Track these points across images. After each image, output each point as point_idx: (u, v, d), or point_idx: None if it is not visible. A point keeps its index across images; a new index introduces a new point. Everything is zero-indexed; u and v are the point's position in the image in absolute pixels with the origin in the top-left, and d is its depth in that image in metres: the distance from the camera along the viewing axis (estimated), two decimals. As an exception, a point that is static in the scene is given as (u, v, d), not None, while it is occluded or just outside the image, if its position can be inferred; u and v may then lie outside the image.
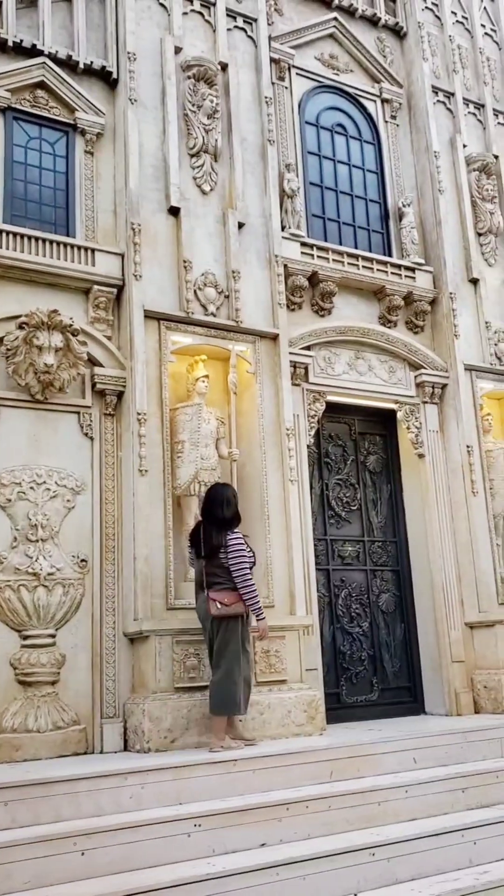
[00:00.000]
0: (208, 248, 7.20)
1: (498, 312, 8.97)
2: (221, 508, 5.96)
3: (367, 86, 9.23)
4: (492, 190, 9.29)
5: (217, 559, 5.86)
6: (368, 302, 8.46)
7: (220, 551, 5.85)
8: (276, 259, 7.51)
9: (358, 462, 8.48)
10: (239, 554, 5.82)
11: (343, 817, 5.03)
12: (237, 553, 5.82)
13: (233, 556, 5.81)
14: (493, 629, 7.69)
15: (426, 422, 8.40)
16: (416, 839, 4.83)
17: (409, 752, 5.84)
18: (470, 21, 10.03)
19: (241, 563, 5.80)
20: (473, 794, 5.53)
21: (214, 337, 7.04)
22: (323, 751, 5.57)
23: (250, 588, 5.79)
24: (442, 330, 8.65)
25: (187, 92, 7.43)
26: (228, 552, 5.83)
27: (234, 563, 5.79)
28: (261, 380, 7.19)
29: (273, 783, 5.26)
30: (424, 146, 9.15)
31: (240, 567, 5.79)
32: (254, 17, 8.11)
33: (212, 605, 5.73)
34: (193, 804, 4.88)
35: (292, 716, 6.27)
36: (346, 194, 8.84)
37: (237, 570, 5.78)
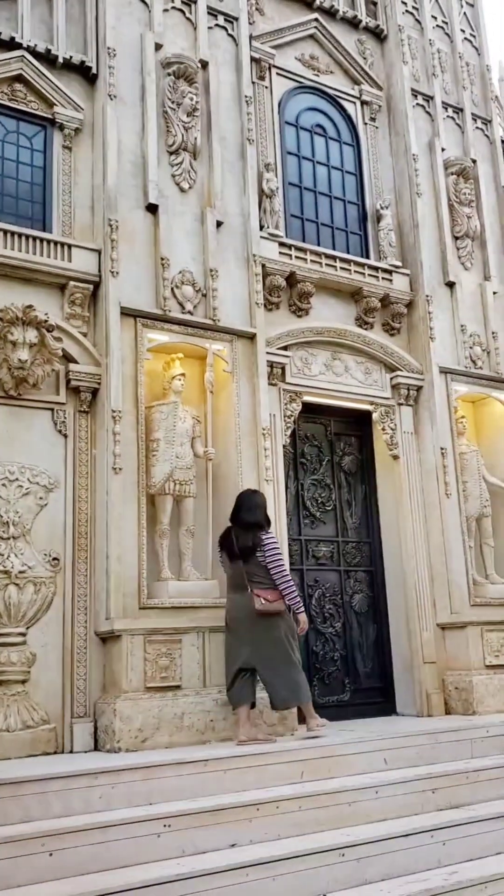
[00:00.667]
0: (186, 246, 7.17)
1: (473, 316, 9.02)
2: (252, 512, 6.28)
3: (346, 87, 9.25)
4: (469, 194, 9.34)
5: (254, 559, 6.11)
6: (346, 303, 8.48)
7: (257, 552, 6.10)
8: (255, 258, 7.51)
9: (333, 463, 8.50)
10: (277, 554, 6.15)
11: (313, 818, 5.03)
12: (275, 553, 6.13)
13: (270, 556, 6.10)
14: (464, 630, 7.73)
15: (401, 423, 8.43)
16: (385, 840, 4.83)
17: (379, 752, 5.84)
18: (450, 26, 10.09)
19: (279, 562, 6.13)
20: (443, 794, 5.55)
21: (191, 335, 7.02)
22: (294, 751, 5.56)
23: (291, 586, 6.10)
24: (418, 332, 8.68)
25: (167, 89, 7.40)
26: (266, 552, 6.11)
27: (274, 563, 6.09)
28: (237, 379, 7.18)
29: (244, 783, 5.25)
30: (403, 149, 9.19)
31: (279, 566, 6.10)
32: (235, 15, 8.09)
33: (256, 601, 5.96)
34: (164, 804, 4.85)
35: (264, 716, 6.25)
36: (325, 195, 8.86)
37: (277, 569, 6.08)
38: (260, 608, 5.95)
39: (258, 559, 6.10)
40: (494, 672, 7.74)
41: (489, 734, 6.48)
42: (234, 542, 6.20)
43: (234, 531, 6.25)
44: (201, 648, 6.23)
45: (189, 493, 6.74)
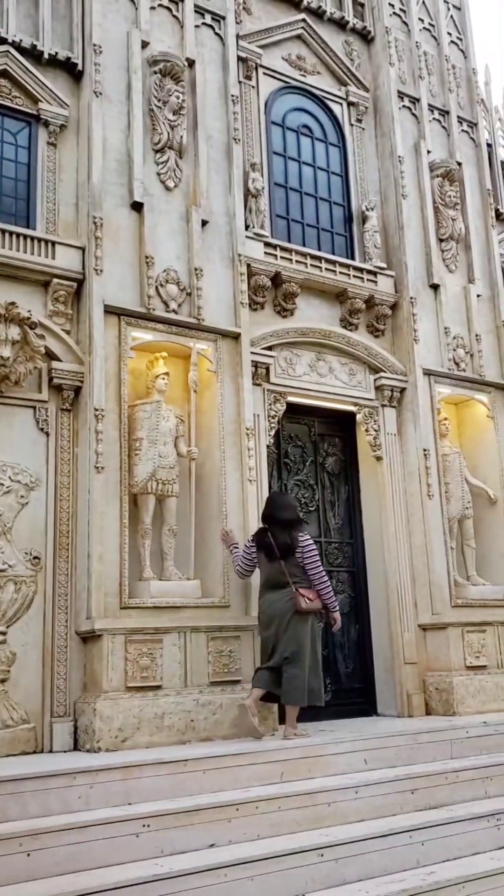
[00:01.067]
0: (171, 244, 7.15)
1: (457, 318, 9.05)
2: (287, 510, 6.55)
3: (333, 88, 9.26)
4: (454, 197, 9.37)
5: (293, 559, 6.32)
6: (330, 304, 8.49)
7: (296, 551, 6.33)
8: (240, 258, 7.50)
9: (317, 463, 8.51)
10: (316, 554, 6.41)
11: (292, 818, 5.03)
12: (313, 553, 6.39)
13: (309, 556, 6.36)
14: (445, 631, 7.76)
15: (384, 425, 8.45)
16: (364, 840, 4.85)
17: (359, 753, 5.86)
18: (436, 28, 10.12)
19: (318, 562, 6.39)
20: (422, 795, 5.57)
21: (175, 334, 7.00)
22: (274, 751, 5.57)
23: (329, 586, 6.40)
24: (402, 334, 8.71)
25: (153, 87, 7.37)
26: (305, 552, 6.36)
27: (312, 563, 6.34)
28: (222, 378, 7.17)
29: (224, 783, 5.25)
30: (389, 150, 9.21)
31: (318, 566, 6.37)
32: (222, 14, 8.08)
33: (301, 600, 6.17)
34: (143, 804, 4.85)
35: (245, 716, 6.24)
36: (311, 196, 8.86)
37: (316, 569, 6.34)
38: (305, 607, 6.17)
39: (296, 559, 6.33)
40: (475, 673, 7.77)
41: (469, 735, 6.51)
42: (272, 541, 6.35)
43: (272, 530, 6.40)
44: (182, 648, 6.21)
45: (172, 493, 6.72)
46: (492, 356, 9.23)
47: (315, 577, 6.33)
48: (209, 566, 6.78)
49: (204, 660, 6.29)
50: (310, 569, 6.33)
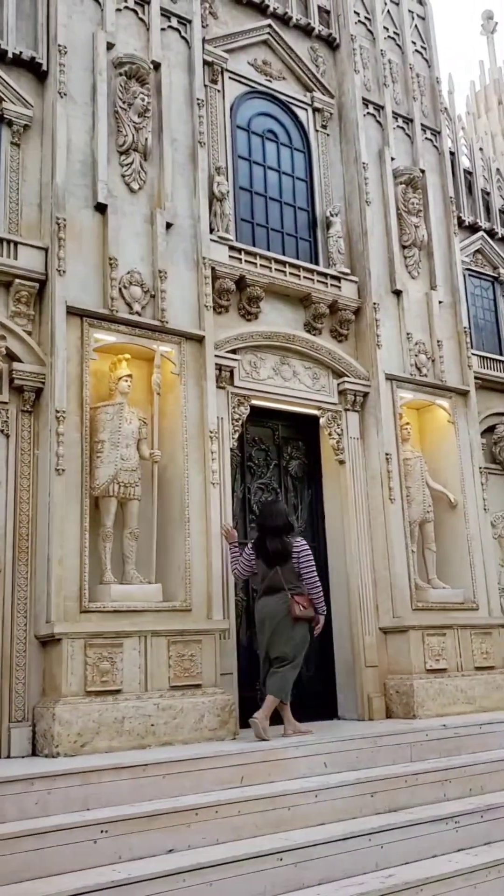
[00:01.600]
0: (135, 246, 7.12)
1: (419, 324, 9.14)
2: (277, 517, 6.78)
3: (298, 94, 9.31)
4: (417, 204, 9.46)
5: (288, 564, 6.60)
6: (294, 308, 8.52)
7: (292, 557, 6.60)
8: (204, 261, 7.49)
9: (280, 467, 8.52)
10: (311, 558, 6.69)
11: (252, 822, 5.02)
12: (308, 557, 6.68)
13: (304, 561, 6.65)
14: (405, 634, 7.82)
15: (347, 429, 8.50)
16: (323, 844, 4.86)
17: (320, 756, 5.88)
18: (401, 37, 10.21)
19: (313, 567, 6.68)
20: (382, 798, 5.59)
21: (139, 336, 6.97)
22: (235, 755, 5.55)
23: (320, 590, 6.68)
24: (365, 339, 8.77)
25: (118, 89, 7.34)
26: (301, 557, 6.64)
27: (308, 570, 6.63)
28: (185, 381, 7.15)
29: (183, 788, 5.23)
30: (353, 157, 9.27)
31: (313, 571, 6.66)
32: (188, 18, 8.07)
33: (296, 607, 6.45)
34: (101, 810, 4.81)
35: (205, 720, 6.23)
36: (276, 200, 8.89)
37: (311, 576, 6.63)
38: (299, 614, 6.45)
39: (292, 564, 6.60)
40: (435, 676, 7.84)
41: (428, 738, 6.56)
42: (267, 547, 6.62)
43: (266, 538, 6.66)
44: (143, 653, 6.17)
45: (134, 496, 6.68)
46: (452, 362, 9.34)
47: (309, 581, 6.61)
48: (171, 570, 6.75)
49: (164, 664, 6.25)
50: (305, 573, 6.62)
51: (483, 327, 11.09)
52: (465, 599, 8.56)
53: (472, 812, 5.60)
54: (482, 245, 11.31)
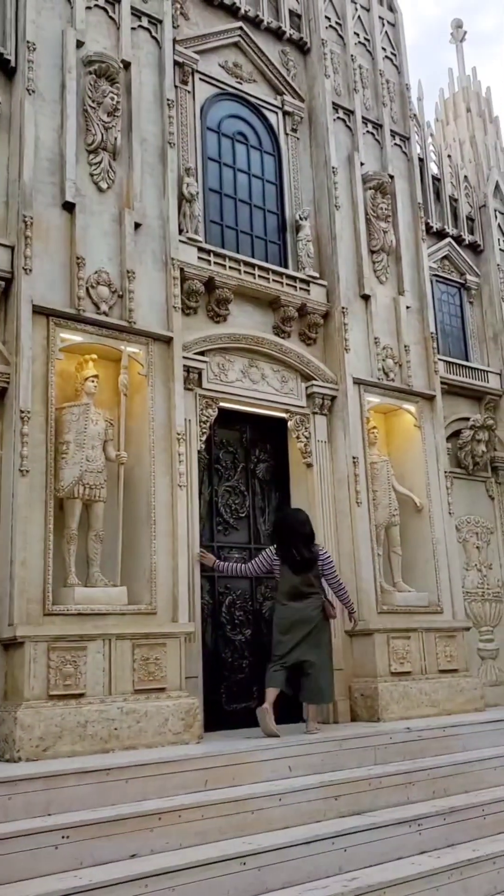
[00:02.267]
0: (103, 246, 7.07)
1: (387, 329, 9.19)
2: (306, 526, 7.21)
3: (269, 97, 9.32)
4: (386, 209, 9.52)
5: (315, 570, 7.06)
6: (263, 311, 8.52)
7: (317, 564, 7.08)
8: (173, 262, 7.45)
9: (248, 469, 8.51)
10: (334, 565, 7.31)
11: (216, 826, 5.00)
12: (332, 564, 7.28)
13: (328, 567, 7.20)
14: (371, 638, 7.85)
15: (315, 432, 8.52)
16: (287, 847, 4.85)
17: (284, 759, 5.86)
18: (371, 43, 10.27)
19: (337, 572, 7.33)
20: (346, 801, 5.60)
21: (106, 336, 6.91)
22: (198, 759, 5.52)
23: (348, 594, 7.43)
24: (333, 343, 8.79)
25: (88, 87, 7.28)
26: (324, 564, 7.16)
27: (332, 573, 7.25)
28: (153, 382, 7.11)
29: (147, 792, 5.18)
30: (323, 161, 9.30)
31: (338, 575, 7.37)
32: (159, 18, 8.04)
33: (329, 609, 7.07)
34: (63, 815, 4.75)
35: (169, 724, 6.19)
36: (245, 203, 8.89)
37: (336, 578, 7.30)
38: (334, 615, 7.12)
39: (317, 570, 7.08)
40: (399, 679, 7.87)
41: (392, 741, 6.58)
42: (295, 555, 6.99)
43: (296, 545, 7.04)
44: (107, 656, 6.11)
45: (99, 498, 6.62)
46: (420, 367, 9.40)
47: (336, 585, 7.27)
48: (136, 572, 6.70)
49: (129, 667, 6.20)
50: (330, 579, 7.21)
51: (449, 333, 11.19)
52: (429, 603, 8.61)
53: (435, 815, 5.63)
54: (449, 251, 11.41)
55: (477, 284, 11.61)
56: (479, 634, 9.90)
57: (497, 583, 10.31)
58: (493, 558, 10.41)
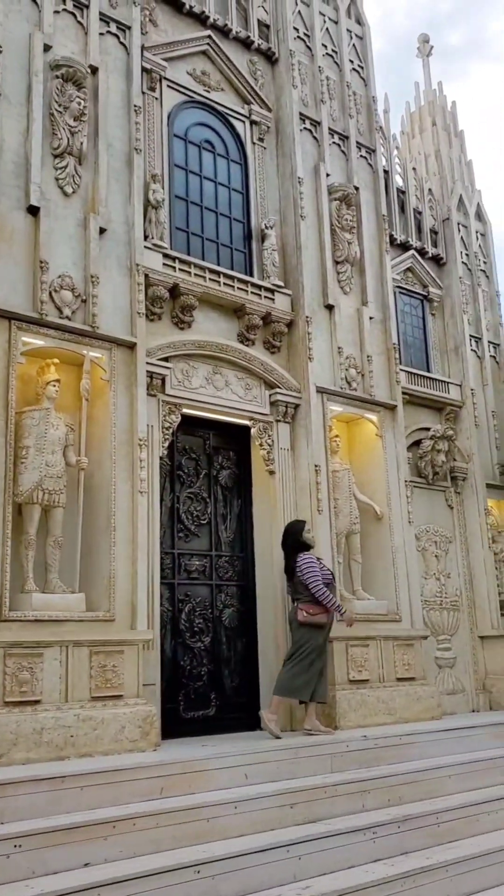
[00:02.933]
0: (67, 250, 7.04)
1: (350, 339, 9.27)
2: (289, 537, 7.70)
3: (237, 106, 9.36)
4: (351, 220, 9.60)
5: (297, 578, 7.41)
6: (228, 319, 8.55)
7: (297, 571, 7.38)
8: (138, 268, 7.45)
9: (210, 476, 8.52)
10: (308, 569, 7.33)
11: (171, 834, 4.98)
12: (306, 569, 7.34)
13: (305, 573, 7.32)
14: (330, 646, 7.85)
15: (278, 440, 8.55)
16: (242, 855, 4.84)
17: (241, 767, 5.86)
18: (339, 55, 10.38)
19: (312, 577, 7.29)
20: (301, 809, 5.61)
21: (68, 341, 6.88)
22: (154, 766, 5.50)
23: (324, 593, 7.26)
24: (297, 352, 8.84)
25: (55, 91, 7.26)
26: (301, 571, 7.33)
27: (307, 578, 7.30)
28: (115, 388, 7.09)
29: (102, 800, 5.15)
30: (289, 171, 9.36)
31: (312, 580, 7.28)
32: (128, 24, 8.04)
33: (299, 613, 7.27)
34: (16, 823, 4.70)
35: (126, 731, 6.16)
36: (211, 211, 8.91)
37: (310, 581, 7.28)
38: (302, 620, 7.24)
39: (299, 577, 7.34)
40: (357, 687, 7.92)
41: (349, 749, 6.61)
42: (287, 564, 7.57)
43: (286, 555, 7.63)
44: (64, 663, 6.06)
45: (58, 503, 6.58)
46: (382, 377, 9.49)
47: (312, 589, 7.26)
48: (95, 579, 6.66)
49: (86, 674, 6.16)
50: (307, 583, 7.29)
51: (412, 344, 11.31)
52: (388, 611, 8.68)
53: (389, 822, 5.66)
54: (413, 263, 11.55)
55: (439, 297, 11.75)
56: (437, 643, 9.99)
57: (455, 592, 10.43)
58: (452, 567, 10.52)
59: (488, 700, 10.22)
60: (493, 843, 5.84)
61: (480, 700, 10.17)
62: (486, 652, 10.40)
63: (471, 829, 6.10)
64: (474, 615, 10.49)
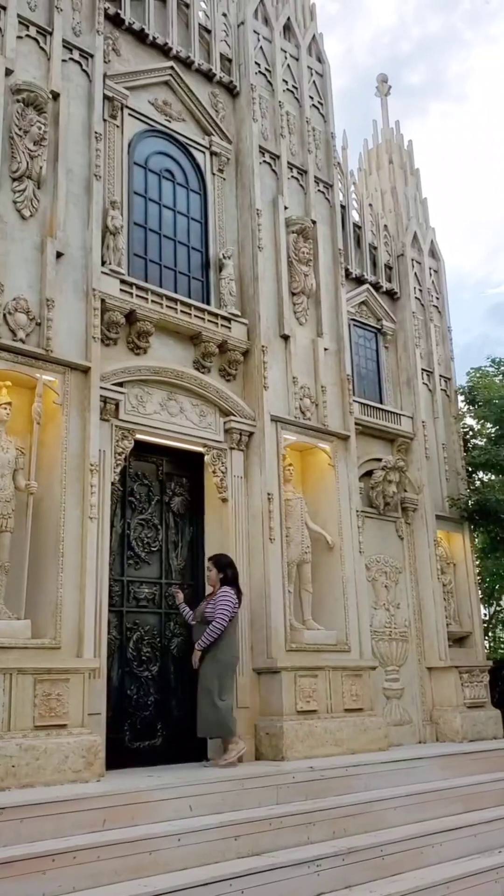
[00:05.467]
0: (23, 273, 7.02)
1: (305, 369, 9.36)
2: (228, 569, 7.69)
3: (197, 136, 9.47)
4: (307, 253, 9.74)
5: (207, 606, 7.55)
6: (184, 346, 8.58)
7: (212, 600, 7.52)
8: (94, 293, 7.45)
9: (163, 503, 8.48)
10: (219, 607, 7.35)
11: (112, 868, 4.90)
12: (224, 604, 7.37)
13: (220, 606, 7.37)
14: (278, 676, 7.86)
15: (232, 467, 8.57)
16: (184, 889, 4.78)
17: (185, 798, 5.80)
18: (299, 91, 10.58)
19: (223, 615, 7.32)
20: (245, 841, 5.56)
21: (21, 364, 6.83)
22: (97, 798, 5.42)
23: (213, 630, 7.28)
24: (252, 380, 8.90)
25: (15, 115, 7.27)
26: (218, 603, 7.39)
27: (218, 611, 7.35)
28: (67, 412, 7.04)
29: (42, 832, 5.05)
30: (248, 203, 9.48)
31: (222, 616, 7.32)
32: (91, 52, 8.11)
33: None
34: (-49, 857, 4.57)
35: (70, 761, 6.04)
36: (170, 239, 8.97)
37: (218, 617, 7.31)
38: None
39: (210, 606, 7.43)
40: (305, 718, 7.89)
41: (295, 780, 6.58)
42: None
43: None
44: (7, 691, 5.94)
45: (6, 528, 6.50)
46: (336, 407, 9.59)
47: (217, 624, 7.27)
48: (41, 605, 6.57)
49: (30, 703, 6.04)
50: (215, 615, 7.32)
51: (365, 376, 11.46)
52: (337, 641, 8.69)
53: (334, 855, 5.64)
54: (367, 297, 11.73)
55: (393, 330, 11.95)
56: (385, 674, 10.03)
57: (404, 622, 10.49)
58: (402, 598, 10.59)
59: (435, 731, 10.27)
60: (437, 875, 5.85)
61: (427, 731, 10.20)
62: (433, 683, 10.46)
63: (415, 861, 6.10)
64: (422, 646, 10.56)
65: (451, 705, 10.30)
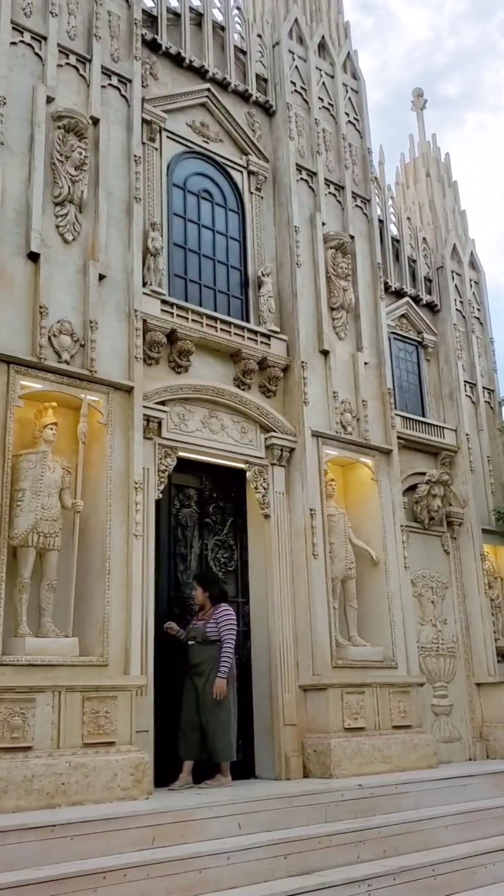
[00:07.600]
0: (67, 296, 7.14)
1: (345, 384, 9.35)
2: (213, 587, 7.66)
3: (235, 156, 9.57)
4: (346, 268, 9.75)
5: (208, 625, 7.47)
6: (224, 363, 8.63)
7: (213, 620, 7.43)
8: (136, 313, 7.54)
9: (205, 520, 8.50)
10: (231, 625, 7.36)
11: (162, 886, 4.89)
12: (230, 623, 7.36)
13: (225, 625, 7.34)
14: (325, 692, 7.81)
15: (273, 483, 8.57)
16: (233, 908, 4.76)
17: (234, 817, 5.77)
18: (335, 108, 10.63)
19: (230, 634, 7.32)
20: (295, 860, 5.51)
21: (66, 385, 6.94)
22: (146, 815, 5.42)
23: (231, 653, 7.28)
24: (293, 396, 8.91)
25: (56, 141, 7.43)
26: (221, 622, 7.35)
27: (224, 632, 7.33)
28: (112, 431, 7.12)
29: (92, 850, 5.06)
30: (286, 220, 9.53)
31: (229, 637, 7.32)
32: (129, 77, 8.26)
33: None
34: (4, 874, 4.59)
35: (118, 779, 6.07)
36: (209, 258, 9.06)
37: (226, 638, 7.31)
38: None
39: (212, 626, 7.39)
40: (352, 735, 7.83)
41: (343, 798, 6.51)
42: None
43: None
44: (56, 708, 6.00)
45: (53, 546, 6.57)
46: (377, 421, 9.55)
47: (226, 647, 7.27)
48: (89, 623, 6.63)
49: (78, 720, 6.09)
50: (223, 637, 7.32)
51: (406, 389, 11.41)
52: (384, 657, 8.62)
53: (384, 874, 5.56)
54: (407, 310, 11.70)
55: (434, 343, 11.89)
56: (433, 690, 9.91)
57: (451, 638, 10.37)
58: (448, 613, 10.47)
59: (485, 748, 10.10)
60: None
61: (477, 748, 10.05)
62: (482, 699, 10.31)
63: (468, 881, 6.00)
64: (471, 662, 10.42)
65: (501, 721, 10.13)
